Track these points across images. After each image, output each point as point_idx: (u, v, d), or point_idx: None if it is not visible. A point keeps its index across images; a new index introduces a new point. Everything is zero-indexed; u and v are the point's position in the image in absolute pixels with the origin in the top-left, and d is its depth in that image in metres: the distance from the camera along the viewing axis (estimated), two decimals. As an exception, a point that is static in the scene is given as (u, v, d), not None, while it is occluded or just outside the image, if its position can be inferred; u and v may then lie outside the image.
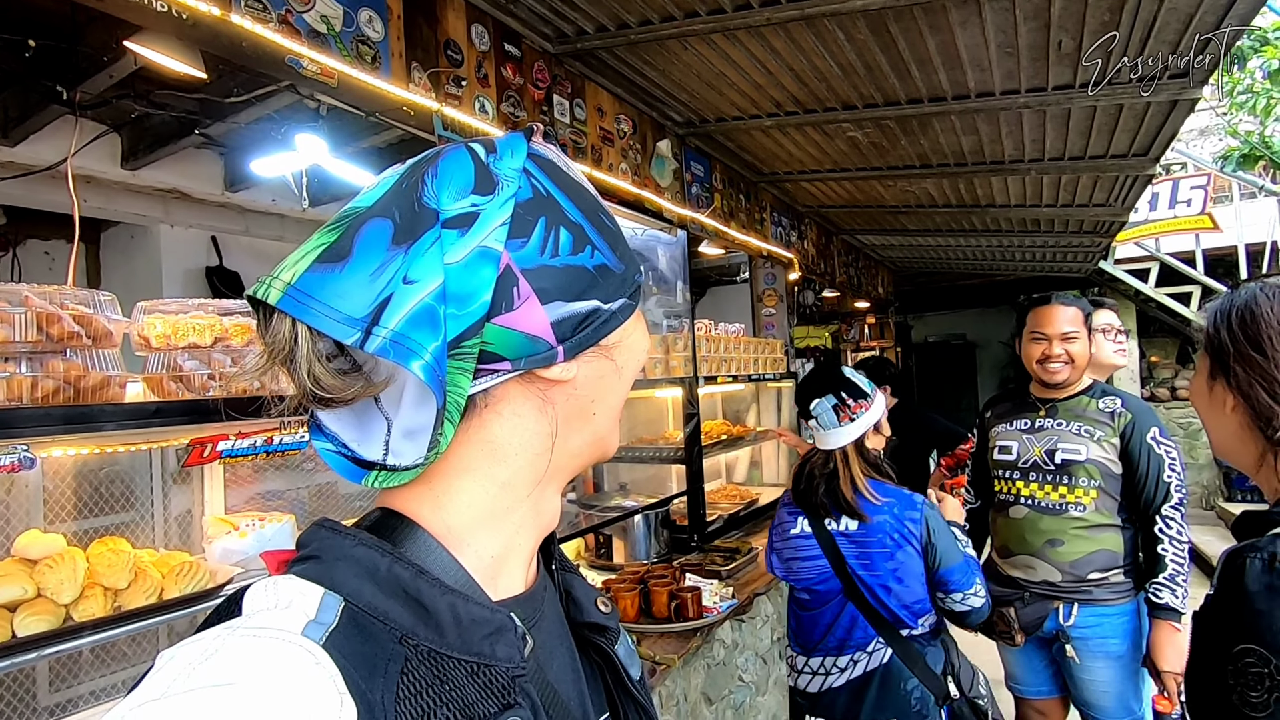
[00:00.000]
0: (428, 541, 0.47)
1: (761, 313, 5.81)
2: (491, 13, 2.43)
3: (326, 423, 0.49)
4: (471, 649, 0.44)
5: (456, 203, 0.46)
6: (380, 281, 0.43)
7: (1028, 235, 5.79)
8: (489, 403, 0.48)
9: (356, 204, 0.47)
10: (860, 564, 1.83)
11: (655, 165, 3.38)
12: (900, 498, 1.84)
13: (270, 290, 0.43)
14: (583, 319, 0.49)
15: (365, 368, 0.47)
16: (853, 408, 1.85)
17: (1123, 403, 2.16)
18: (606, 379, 0.53)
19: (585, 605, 0.59)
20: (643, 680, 0.61)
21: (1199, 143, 8.67)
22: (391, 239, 0.44)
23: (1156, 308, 7.94)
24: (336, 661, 0.38)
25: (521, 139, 0.51)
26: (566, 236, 0.49)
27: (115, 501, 2.06)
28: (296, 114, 2.91)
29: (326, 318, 0.42)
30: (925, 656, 1.81)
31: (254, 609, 0.42)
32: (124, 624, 1.39)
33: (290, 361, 0.43)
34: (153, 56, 1.63)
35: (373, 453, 0.47)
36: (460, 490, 0.49)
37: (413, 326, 0.43)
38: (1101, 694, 2.13)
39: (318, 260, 0.44)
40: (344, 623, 0.41)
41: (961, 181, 4.30)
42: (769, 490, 4.75)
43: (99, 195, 3.75)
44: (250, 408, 1.20)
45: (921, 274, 8.90)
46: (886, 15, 2.37)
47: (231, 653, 0.37)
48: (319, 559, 0.45)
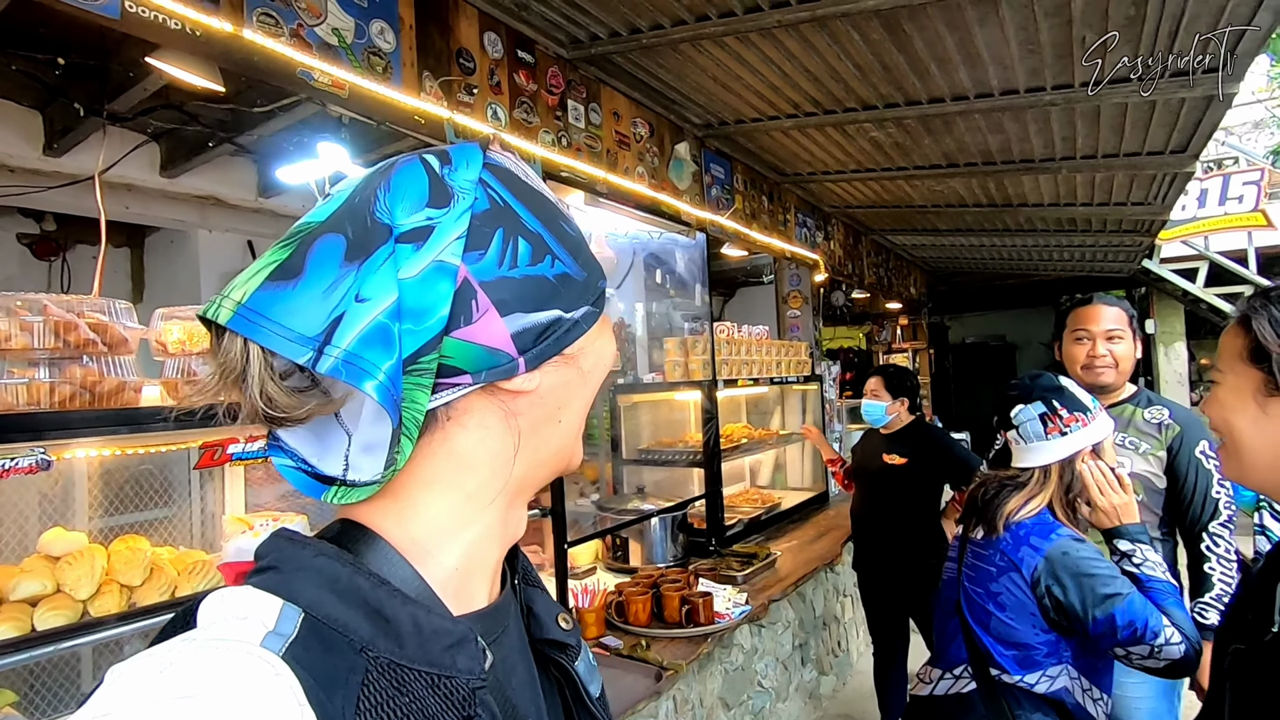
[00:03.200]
0: (389, 553, 0.47)
1: (786, 314, 5.76)
2: (504, 20, 2.45)
3: (285, 438, 0.48)
4: (432, 660, 0.44)
5: (411, 216, 0.45)
6: (332, 299, 0.43)
7: (1064, 234, 5.61)
8: (452, 415, 0.48)
9: (309, 219, 0.47)
10: (968, 576, 1.63)
11: (674, 168, 3.38)
12: (1038, 523, 1.55)
13: (220, 310, 0.43)
14: (544, 329, 0.49)
15: (323, 384, 0.46)
16: (1065, 420, 1.57)
17: (1170, 414, 2.04)
18: (571, 386, 0.53)
19: (546, 622, 0.58)
20: (602, 697, 0.61)
21: (1252, 136, 8.31)
22: (344, 255, 0.44)
23: (1206, 308, 7.63)
24: (296, 673, 0.38)
25: (477, 149, 0.51)
26: (525, 247, 0.49)
27: (154, 497, 2.14)
28: (321, 122, 2.99)
29: (278, 336, 0.42)
30: (1019, 717, 1.51)
31: (210, 620, 0.41)
32: (136, 620, 1.44)
33: (242, 381, 0.43)
34: (173, 72, 1.70)
35: (332, 468, 0.47)
36: (424, 502, 0.48)
37: (365, 346, 0.42)
38: (1135, 711, 2.05)
39: (269, 278, 0.43)
40: (303, 634, 0.40)
41: (991, 180, 4.19)
42: (792, 494, 4.70)
43: (140, 202, 3.90)
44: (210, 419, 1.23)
45: (958, 274, 8.70)
46: (900, 14, 2.33)
47: (188, 664, 0.36)
48: (278, 569, 0.44)
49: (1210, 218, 7.27)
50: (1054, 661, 1.50)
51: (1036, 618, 1.50)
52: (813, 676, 3.64)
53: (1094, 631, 1.43)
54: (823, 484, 4.81)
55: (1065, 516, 1.59)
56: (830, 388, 5.32)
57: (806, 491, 4.78)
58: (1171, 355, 8.24)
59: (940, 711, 1.62)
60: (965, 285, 9.31)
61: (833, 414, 5.33)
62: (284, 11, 1.76)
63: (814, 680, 3.65)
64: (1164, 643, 1.38)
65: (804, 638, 3.57)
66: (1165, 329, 8.20)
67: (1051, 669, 1.50)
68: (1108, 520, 1.57)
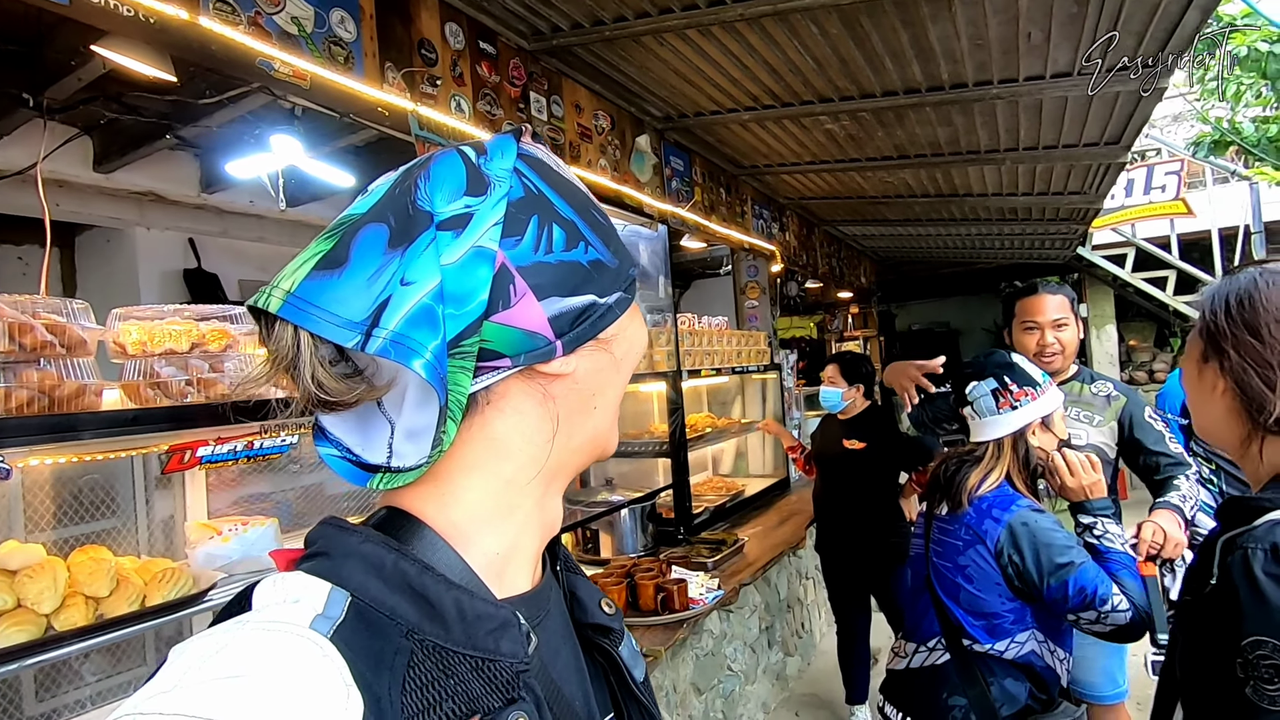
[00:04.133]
0: (433, 539, 0.48)
1: (745, 305, 5.84)
2: (466, 11, 2.42)
3: (330, 428, 0.49)
4: (476, 644, 0.45)
5: (450, 205, 0.47)
6: (378, 285, 0.44)
7: (1006, 223, 5.85)
8: (491, 400, 0.49)
9: (351, 211, 0.48)
10: (935, 552, 1.68)
11: (635, 160, 3.39)
12: (999, 495, 1.61)
13: (271, 299, 0.44)
14: (580, 313, 0.50)
15: (367, 372, 0.47)
16: (1015, 395, 1.63)
17: (1114, 386, 2.21)
18: (605, 372, 0.54)
19: (589, 606, 0.59)
20: (646, 682, 0.62)
21: (1172, 129, 8.80)
22: (387, 243, 0.45)
23: (1134, 293, 8.05)
24: (344, 654, 0.39)
25: (511, 140, 0.52)
26: (559, 233, 0.50)
27: (97, 509, 2.05)
28: (271, 115, 2.89)
29: (327, 323, 0.43)
30: (991, 684, 1.56)
31: (263, 604, 0.43)
32: (106, 632, 1.39)
33: (294, 367, 0.44)
34: (120, 60, 1.62)
35: (376, 456, 0.48)
36: (465, 488, 0.50)
37: (412, 326, 0.43)
38: (1089, 669, 2.18)
39: (315, 268, 0.45)
40: (351, 617, 0.42)
41: (939, 172, 4.34)
42: (755, 481, 4.79)
43: (72, 199, 3.70)
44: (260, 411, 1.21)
45: (904, 263, 8.97)
46: (859, 9, 2.39)
47: (241, 646, 0.38)
48: (327, 555, 0.45)
49: (1136, 206, 7.68)
50: (1020, 628, 1.57)
51: (1002, 587, 1.56)
52: (779, 658, 3.73)
53: (1048, 597, 1.51)
54: (784, 470, 4.92)
55: (1025, 488, 1.67)
56: (789, 376, 5.43)
57: (769, 478, 4.87)
58: (1103, 337, 8.67)
59: (916, 684, 1.68)
60: (912, 274, 9.61)
61: (791, 401, 5.44)
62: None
63: (780, 662, 3.74)
64: (1110, 609, 1.46)
65: (770, 621, 3.65)
66: (1097, 312, 8.63)
67: (1020, 635, 1.57)
68: (1075, 497, 1.66)
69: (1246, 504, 0.86)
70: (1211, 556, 0.85)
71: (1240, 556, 0.79)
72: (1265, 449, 0.90)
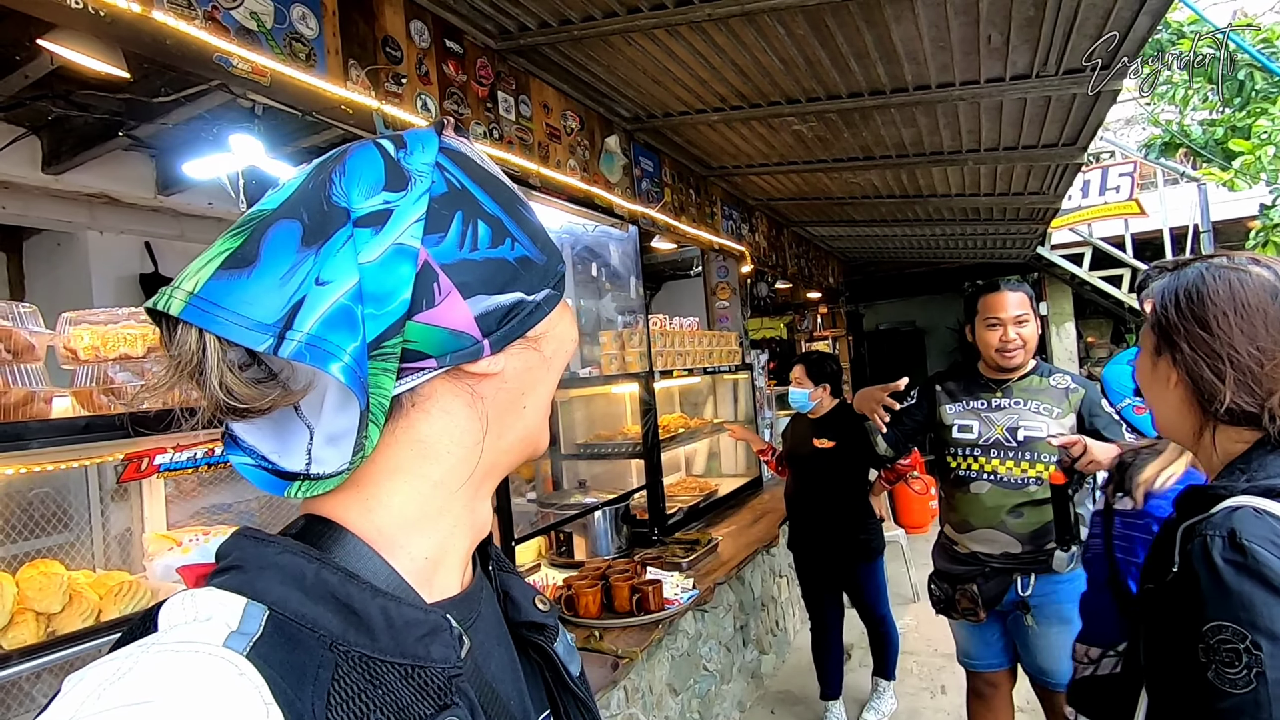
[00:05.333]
0: (357, 545, 0.46)
1: (715, 306, 5.87)
2: (431, 8, 2.39)
3: (243, 435, 0.47)
4: (405, 651, 0.43)
5: (368, 200, 0.45)
6: (291, 285, 0.42)
7: (969, 224, 5.97)
8: (416, 401, 0.48)
9: (261, 207, 0.46)
10: (1120, 548, 1.63)
11: (604, 161, 3.38)
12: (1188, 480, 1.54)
13: (172, 301, 0.42)
14: (507, 311, 0.49)
15: (281, 375, 0.45)
16: None
17: (1072, 379, 2.29)
18: (535, 370, 0.53)
19: (523, 604, 0.59)
20: (583, 676, 0.61)
21: (1125, 132, 9.09)
22: (301, 240, 0.43)
23: (1091, 290, 8.29)
24: (262, 671, 0.37)
25: (432, 133, 0.50)
26: (485, 230, 0.49)
27: (48, 523, 1.97)
28: (230, 113, 2.82)
29: (236, 325, 0.41)
30: None
31: (170, 624, 0.40)
32: (58, 649, 1.33)
33: (200, 374, 0.42)
34: (69, 55, 1.56)
35: (295, 463, 0.46)
36: (390, 492, 0.48)
37: (329, 328, 0.42)
38: (1054, 658, 2.24)
39: (221, 267, 0.42)
40: (269, 632, 0.40)
41: (904, 172, 4.41)
42: (728, 481, 4.81)
43: (18, 201, 3.57)
44: (162, 423, 1.16)
45: (871, 264, 9.11)
46: (824, 11, 2.41)
47: (147, 670, 0.35)
48: (241, 569, 0.43)
49: (1092, 206, 7.91)
50: None
51: None
52: (754, 656, 3.75)
53: None
54: (756, 470, 4.94)
55: None
56: (760, 376, 5.47)
57: (741, 477, 4.89)
58: (1063, 334, 8.91)
59: (1109, 690, 1.59)
60: (878, 274, 9.76)
61: (763, 401, 5.48)
62: (196, -8, 1.64)
63: (755, 660, 3.76)
64: None
65: (744, 619, 3.66)
66: (1056, 310, 8.87)
67: None
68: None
69: (1203, 492, 0.88)
70: (1172, 544, 0.87)
71: (1200, 544, 0.81)
72: (1218, 439, 0.93)
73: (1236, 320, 0.89)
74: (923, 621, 4.30)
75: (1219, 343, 0.89)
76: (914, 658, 3.95)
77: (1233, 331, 0.89)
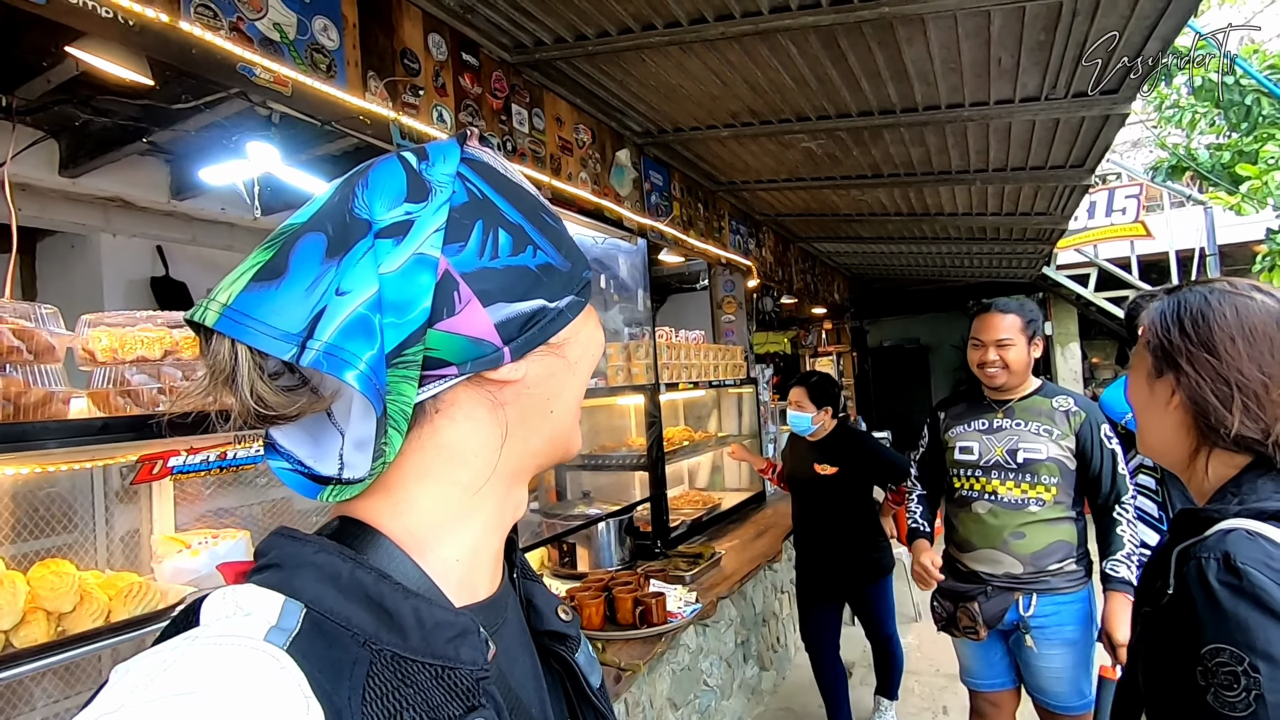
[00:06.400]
0: (389, 547, 0.47)
1: (721, 319, 5.88)
2: (449, 22, 2.42)
3: (280, 441, 0.48)
4: (435, 652, 0.44)
5: (390, 211, 0.46)
6: (314, 295, 0.43)
7: (975, 243, 5.99)
8: (440, 408, 0.49)
9: (292, 221, 0.47)
10: None
11: (615, 174, 3.41)
12: None
13: (207, 313, 0.43)
14: (529, 318, 0.50)
15: (312, 382, 0.46)
16: None
17: (1075, 402, 2.29)
18: (559, 376, 0.54)
19: (546, 613, 0.59)
20: (603, 688, 0.62)
21: (1132, 154, 9.13)
22: (325, 252, 0.44)
23: (1096, 311, 8.28)
24: (301, 666, 0.38)
25: (454, 144, 0.51)
26: (506, 238, 0.49)
27: (55, 523, 1.98)
28: (247, 121, 2.84)
29: (264, 335, 0.42)
30: None
31: (213, 618, 0.41)
32: (69, 649, 1.34)
33: (232, 382, 0.43)
34: (96, 63, 1.59)
35: (328, 467, 0.47)
36: (419, 496, 0.49)
37: (346, 337, 0.43)
38: (1056, 680, 2.23)
39: (253, 279, 0.44)
40: (306, 628, 0.41)
41: (912, 191, 4.43)
42: (731, 495, 4.79)
43: (34, 203, 3.60)
44: (201, 425, 1.18)
45: (877, 280, 9.12)
46: (837, 31, 2.44)
47: (191, 661, 0.37)
48: (279, 567, 0.44)
49: (1099, 228, 7.93)
50: None
51: None
52: (754, 672, 3.72)
53: None
54: (759, 484, 4.93)
55: None
56: (765, 390, 5.47)
57: (744, 492, 4.88)
58: (1068, 354, 8.90)
59: None
60: (884, 291, 9.77)
61: (767, 415, 5.48)
62: (222, 3, 1.68)
63: (756, 676, 3.73)
64: None
65: (745, 635, 3.64)
66: (1061, 330, 8.86)
67: None
68: None
69: (1197, 515, 0.88)
70: (1167, 567, 0.87)
71: (1195, 566, 0.81)
72: (1211, 463, 0.93)
73: (1244, 345, 0.89)
74: (925, 641, 4.28)
75: (1226, 367, 0.89)
76: (916, 677, 3.93)
77: (1240, 357, 0.89)
